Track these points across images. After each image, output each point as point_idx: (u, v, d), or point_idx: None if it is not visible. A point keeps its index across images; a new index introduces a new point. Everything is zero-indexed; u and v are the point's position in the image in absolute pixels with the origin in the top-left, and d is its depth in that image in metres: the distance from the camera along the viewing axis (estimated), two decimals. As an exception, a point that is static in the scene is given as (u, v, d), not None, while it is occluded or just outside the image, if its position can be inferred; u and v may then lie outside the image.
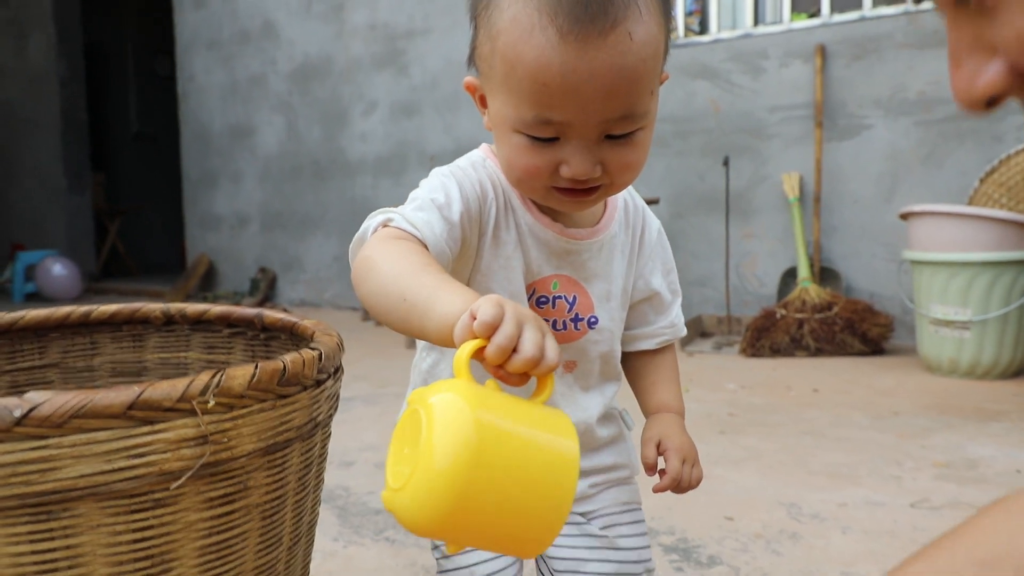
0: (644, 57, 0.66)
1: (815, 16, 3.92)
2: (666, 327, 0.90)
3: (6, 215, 8.13)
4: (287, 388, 0.70)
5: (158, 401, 0.61)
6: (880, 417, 2.56)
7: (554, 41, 0.64)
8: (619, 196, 0.87)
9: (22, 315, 1.00)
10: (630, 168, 0.73)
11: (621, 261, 0.85)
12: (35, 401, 0.57)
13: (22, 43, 7.71)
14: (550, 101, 0.67)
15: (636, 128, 0.70)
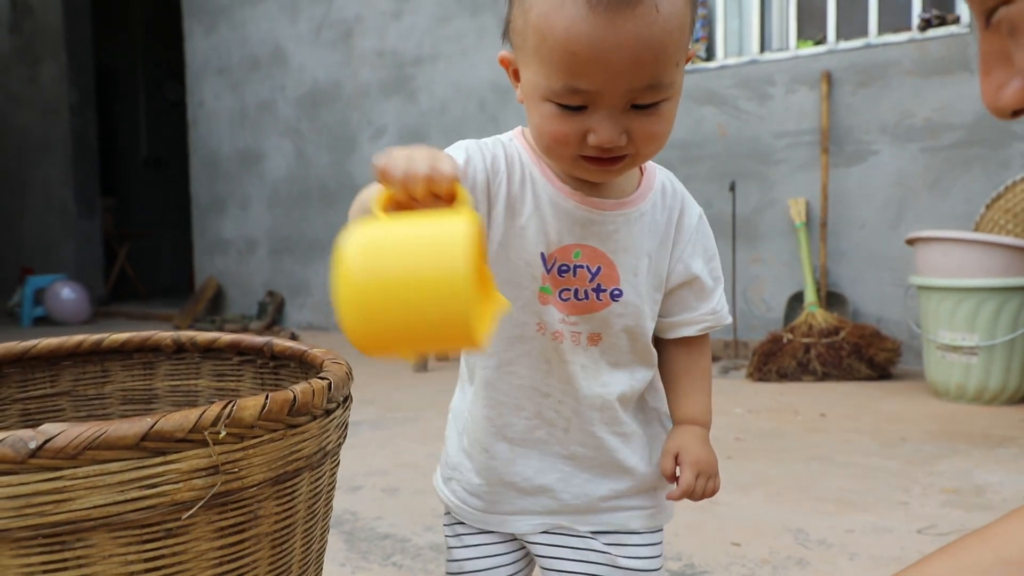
0: (670, 29, 0.69)
1: (821, 43, 3.95)
2: (708, 313, 0.89)
3: (17, 239, 8.20)
4: (297, 418, 0.71)
5: (170, 432, 0.62)
6: (888, 443, 2.55)
7: (584, 12, 0.67)
8: (657, 178, 0.88)
9: (35, 344, 1.02)
10: (655, 138, 0.75)
11: (652, 239, 0.85)
12: (50, 433, 0.58)
13: (35, 70, 7.82)
14: (579, 70, 0.69)
15: (662, 99, 0.72)
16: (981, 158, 3.53)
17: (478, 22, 4.95)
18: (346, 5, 5.63)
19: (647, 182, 0.87)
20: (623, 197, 0.84)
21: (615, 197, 0.84)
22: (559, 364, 0.86)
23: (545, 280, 0.83)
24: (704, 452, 0.87)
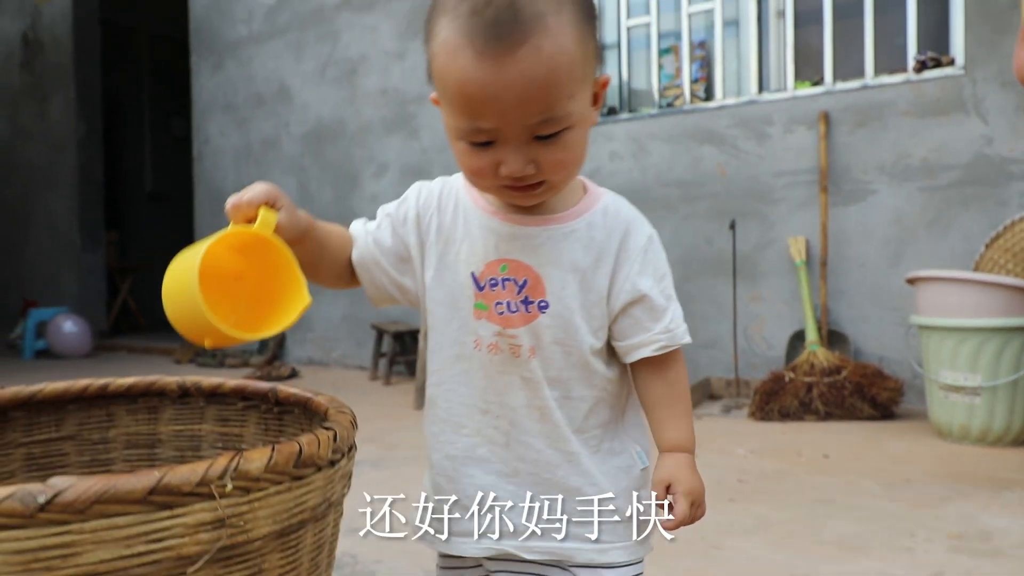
0: (554, 67, 0.74)
1: (818, 84, 4.00)
2: (662, 332, 0.90)
3: (21, 272, 8.23)
4: (303, 470, 0.71)
5: (177, 486, 0.62)
6: (892, 485, 2.54)
7: (473, 59, 0.74)
8: (601, 200, 0.92)
9: (41, 388, 1.02)
10: (562, 166, 0.81)
11: (586, 256, 0.88)
12: (59, 487, 0.58)
13: (44, 106, 7.92)
14: (477, 111, 0.76)
15: (561, 128, 0.77)
16: (979, 197, 3.56)
17: (481, 62, 5.02)
18: (351, 45, 5.72)
19: (586, 203, 0.91)
20: (553, 215, 0.89)
21: (545, 214, 0.88)
22: (497, 377, 0.88)
23: (478, 297, 0.88)
24: (695, 480, 0.88)
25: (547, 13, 0.74)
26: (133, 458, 1.08)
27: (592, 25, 0.81)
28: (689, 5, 4.39)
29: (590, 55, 0.79)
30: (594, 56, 0.81)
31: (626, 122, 4.52)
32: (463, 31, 0.74)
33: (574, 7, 0.77)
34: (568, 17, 0.76)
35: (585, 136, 0.82)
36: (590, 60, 0.79)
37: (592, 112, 0.84)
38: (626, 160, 4.50)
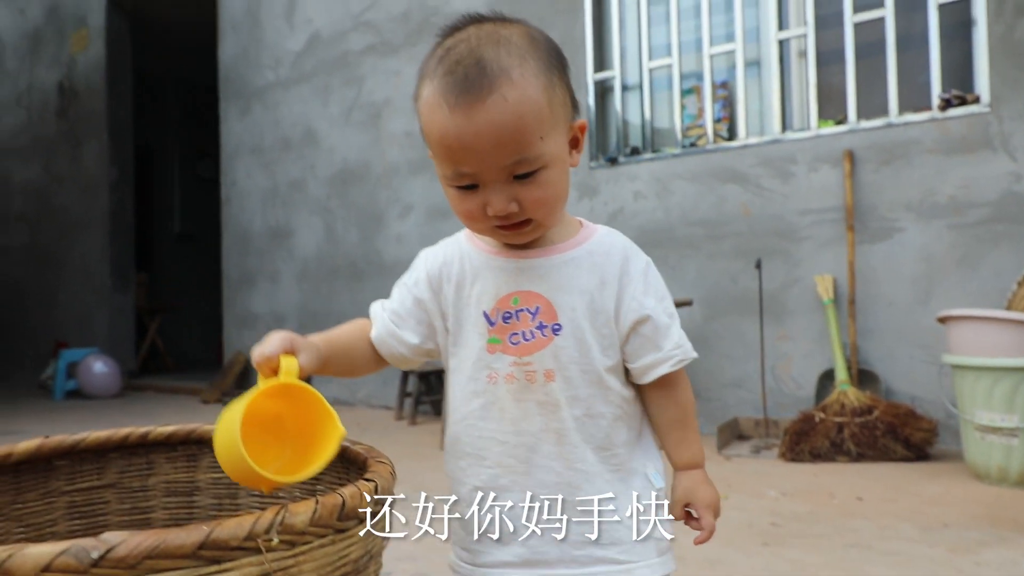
0: (520, 112, 0.82)
1: (842, 122, 4.01)
2: (674, 348, 0.97)
3: (53, 314, 8.37)
4: (345, 523, 0.72)
5: (225, 540, 0.63)
6: (929, 528, 2.48)
7: (447, 112, 0.83)
8: (598, 232, 1.00)
9: (84, 437, 1.04)
10: (543, 203, 0.88)
11: (591, 279, 0.95)
12: (111, 542, 0.60)
13: (78, 151, 8.12)
14: (457, 157, 0.85)
15: (537, 168, 0.85)
16: (1009, 235, 3.52)
17: (504, 104, 5.09)
18: (376, 89, 5.83)
19: (584, 234, 0.99)
20: (554, 245, 0.96)
21: (546, 246, 0.96)
22: (513, 406, 0.93)
23: (491, 332, 0.95)
24: (711, 494, 0.98)
25: (512, 66, 0.83)
26: (172, 506, 1.09)
27: (561, 73, 0.89)
28: (711, 46, 4.43)
29: (559, 100, 0.88)
30: (565, 101, 0.90)
31: (649, 162, 4.54)
32: (440, 89, 0.84)
33: (539, 59, 0.86)
34: (533, 68, 0.84)
35: (564, 175, 0.90)
36: (560, 105, 0.88)
37: (570, 154, 0.92)
38: (650, 200, 4.52)
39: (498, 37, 0.86)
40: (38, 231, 8.62)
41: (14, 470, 0.98)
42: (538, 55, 0.86)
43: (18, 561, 0.56)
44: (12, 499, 0.97)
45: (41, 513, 1.00)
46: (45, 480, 1.01)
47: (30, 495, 0.99)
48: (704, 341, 4.31)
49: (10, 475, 0.98)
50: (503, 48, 0.84)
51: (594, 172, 4.73)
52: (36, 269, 8.63)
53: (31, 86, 8.69)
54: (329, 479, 1.05)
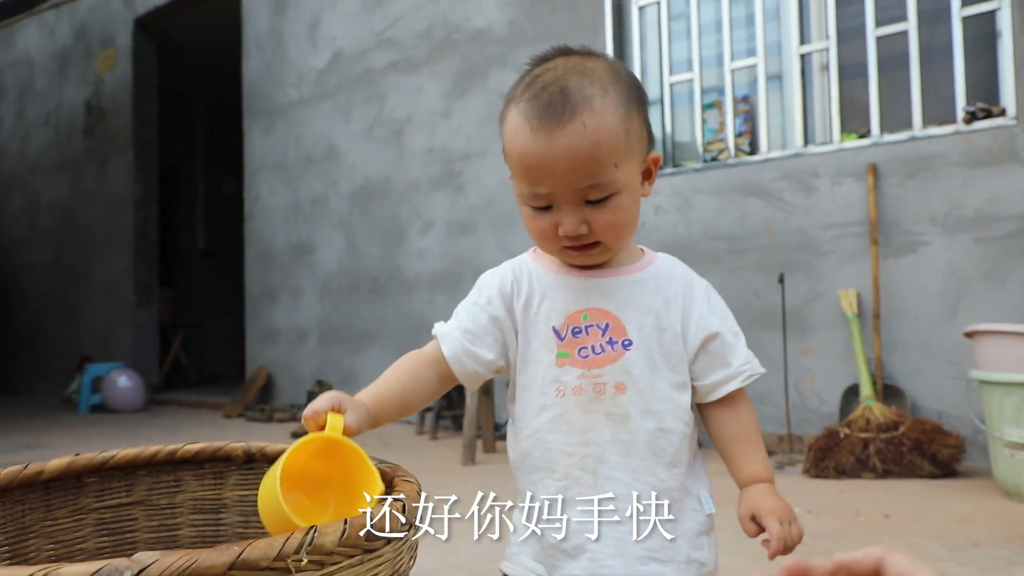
0: (599, 140, 0.87)
1: (865, 136, 3.98)
2: (743, 364, 1.00)
3: (78, 329, 8.48)
4: (374, 543, 0.72)
5: (256, 561, 0.63)
6: (958, 548, 2.44)
7: (530, 134, 0.88)
8: (659, 257, 1.04)
9: (113, 454, 1.05)
10: (612, 228, 0.92)
11: (656, 299, 0.99)
12: (144, 563, 0.60)
13: (104, 169, 8.25)
14: (535, 177, 0.90)
15: (609, 194, 0.89)
16: (1037, 248, 3.48)
17: (525, 120, 5.11)
18: (397, 106, 5.87)
19: (647, 259, 1.03)
20: (620, 267, 1.00)
21: (613, 267, 1.00)
22: (582, 417, 0.95)
23: (560, 347, 0.98)
24: (776, 502, 0.95)
25: (594, 96, 0.87)
26: (199, 523, 1.10)
27: (640, 107, 0.94)
28: (732, 61, 4.43)
29: (636, 132, 0.92)
30: (642, 134, 0.94)
31: (670, 176, 4.54)
32: (524, 113, 0.89)
33: (620, 91, 0.91)
34: (614, 99, 0.89)
35: (635, 203, 0.94)
36: (636, 136, 0.92)
37: (643, 184, 0.96)
38: (671, 214, 4.51)
39: (583, 68, 0.90)
40: (64, 247, 8.76)
41: (45, 487, 0.99)
42: (619, 87, 0.91)
43: (53, 581, 0.57)
44: (43, 516, 0.99)
45: (71, 530, 1.01)
46: (75, 497, 1.02)
47: (60, 512, 1.00)
48: (726, 356, 4.28)
49: (41, 492, 0.99)
50: (587, 78, 0.89)
51: (615, 187, 4.73)
52: (62, 285, 8.75)
53: (59, 105, 8.85)
54: (354, 497, 1.05)
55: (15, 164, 9.53)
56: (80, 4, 8.57)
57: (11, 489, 0.95)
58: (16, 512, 0.96)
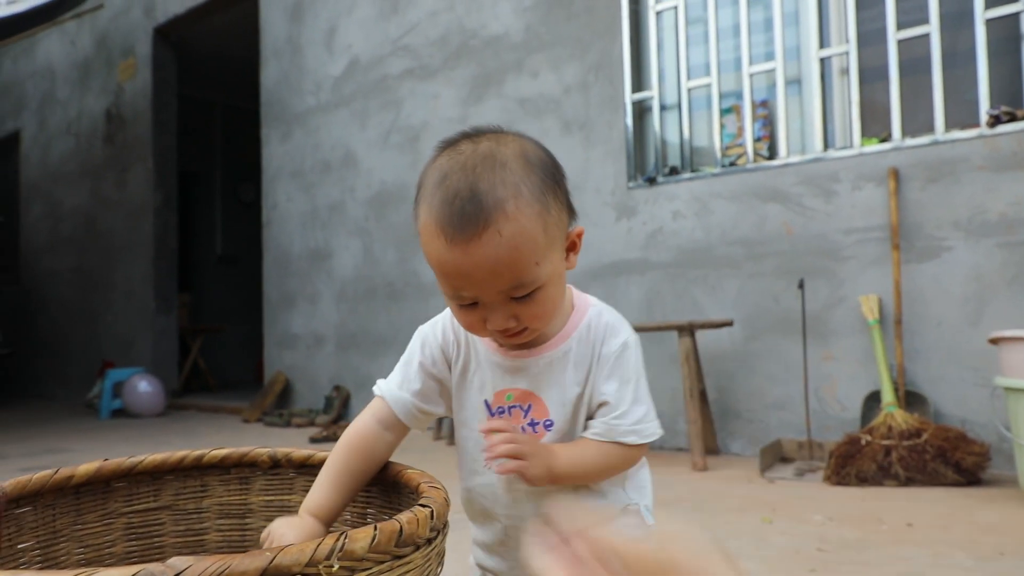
0: (516, 245, 0.84)
1: (886, 140, 3.95)
2: (627, 433, 0.97)
3: (99, 335, 8.56)
4: (402, 549, 0.72)
5: (288, 567, 0.63)
6: (985, 558, 2.40)
7: (445, 245, 0.86)
8: (586, 316, 1.01)
9: (141, 459, 1.05)
10: (539, 317, 0.92)
11: (578, 372, 0.98)
12: (178, 567, 0.60)
13: (124, 177, 8.33)
14: (456, 284, 0.88)
15: (533, 290, 0.88)
16: (1062, 253, 3.44)
17: (540, 125, 5.12)
18: (413, 112, 5.90)
19: (573, 321, 1.01)
20: (546, 342, 0.99)
21: (539, 343, 0.99)
22: (505, 491, 1.00)
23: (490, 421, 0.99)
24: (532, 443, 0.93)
25: (506, 199, 0.84)
26: (226, 528, 1.10)
27: (556, 191, 0.91)
28: (750, 65, 4.41)
29: (554, 221, 0.90)
30: (560, 218, 0.91)
31: (688, 181, 4.52)
32: (436, 219, 0.86)
33: (534, 183, 0.87)
34: (527, 197, 0.86)
35: (559, 286, 0.94)
36: (555, 224, 0.90)
37: (567, 258, 0.95)
38: (689, 219, 4.49)
39: (494, 160, 0.87)
40: (85, 254, 8.85)
41: (75, 492, 1.00)
42: (532, 179, 0.88)
43: (89, 585, 0.57)
44: (73, 520, 0.99)
45: (101, 534, 1.01)
46: (104, 502, 1.03)
47: (90, 516, 1.01)
48: (745, 362, 4.26)
49: (71, 497, 0.99)
50: (499, 175, 0.85)
51: (632, 192, 4.73)
52: (83, 291, 8.84)
53: (80, 114, 8.96)
54: (379, 502, 1.05)
55: (37, 172, 9.65)
56: (101, 14, 8.67)
57: (43, 494, 0.95)
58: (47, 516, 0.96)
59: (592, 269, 4.87)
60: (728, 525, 2.85)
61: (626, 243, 4.74)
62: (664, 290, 4.56)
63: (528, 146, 0.93)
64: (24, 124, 9.87)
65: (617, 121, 4.82)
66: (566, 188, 0.95)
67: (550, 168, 0.92)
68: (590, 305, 1.03)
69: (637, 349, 1.01)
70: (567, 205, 0.94)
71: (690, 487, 3.51)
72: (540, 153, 0.93)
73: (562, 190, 0.93)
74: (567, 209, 0.94)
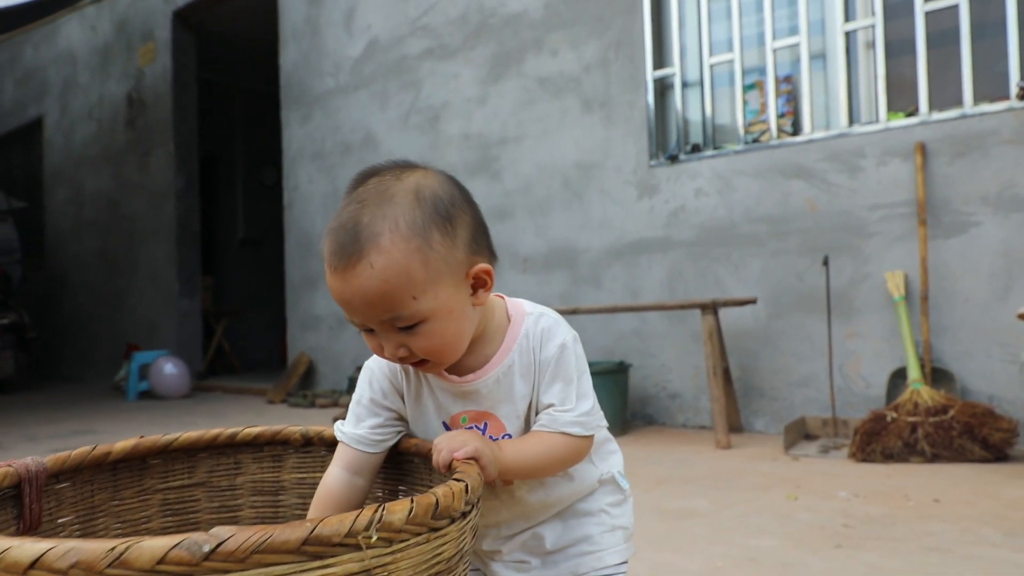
0: (386, 278, 0.87)
1: (913, 115, 3.89)
2: (548, 412, 0.99)
3: (124, 318, 8.67)
4: (439, 522, 0.72)
5: (328, 537, 0.64)
6: (1013, 533, 2.39)
7: (331, 274, 0.90)
8: (522, 327, 1.02)
9: (176, 437, 1.07)
10: (431, 351, 0.92)
11: (523, 383, 1.00)
12: (221, 536, 0.61)
13: (146, 160, 8.40)
14: (345, 310, 0.91)
15: (415, 323, 0.90)
16: (1094, 227, 3.38)
17: (561, 104, 5.09)
18: (433, 93, 5.88)
19: (511, 335, 1.01)
20: (487, 362, 1.00)
21: (480, 364, 1.00)
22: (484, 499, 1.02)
23: None
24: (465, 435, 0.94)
25: (382, 233, 0.87)
26: (259, 504, 1.12)
27: (448, 226, 0.91)
28: (774, 40, 4.35)
29: (440, 256, 0.90)
30: (451, 255, 0.91)
31: (710, 159, 4.49)
32: (326, 248, 0.91)
33: (414, 218, 0.88)
34: (405, 231, 0.87)
35: (454, 322, 0.92)
36: (442, 260, 0.90)
37: (476, 295, 0.94)
38: (711, 197, 4.46)
39: (384, 196, 0.89)
40: (109, 238, 8.95)
41: (112, 468, 1.02)
42: (414, 214, 0.88)
43: (135, 553, 0.58)
44: (111, 496, 1.01)
45: (137, 510, 1.03)
46: (140, 478, 1.05)
47: (127, 492, 1.03)
48: (768, 340, 4.24)
49: (109, 473, 1.01)
50: (383, 209, 0.88)
51: (654, 170, 4.69)
52: (108, 274, 8.95)
53: (102, 98, 9.02)
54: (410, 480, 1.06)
55: (61, 157, 9.75)
56: (120, -2, 8.71)
57: (81, 469, 0.97)
58: (86, 492, 0.98)
59: (614, 248, 4.86)
60: (752, 502, 2.85)
61: (648, 222, 4.71)
62: (687, 269, 4.54)
63: (428, 181, 0.93)
64: (47, 110, 9.96)
65: (638, 99, 4.78)
66: (469, 223, 0.94)
67: (443, 204, 0.91)
68: (526, 314, 1.03)
69: (576, 346, 1.03)
70: (468, 241, 0.93)
71: (713, 465, 3.51)
72: (439, 189, 0.92)
73: (455, 228, 0.92)
74: (467, 245, 0.93)
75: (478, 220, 0.97)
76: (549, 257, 5.19)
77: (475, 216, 0.96)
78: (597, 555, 1.06)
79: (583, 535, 1.06)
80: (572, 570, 1.06)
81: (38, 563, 0.58)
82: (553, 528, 1.06)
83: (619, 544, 1.08)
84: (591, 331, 4.82)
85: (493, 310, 1.02)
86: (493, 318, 1.01)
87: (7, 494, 0.89)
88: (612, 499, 1.10)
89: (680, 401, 4.55)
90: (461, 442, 0.90)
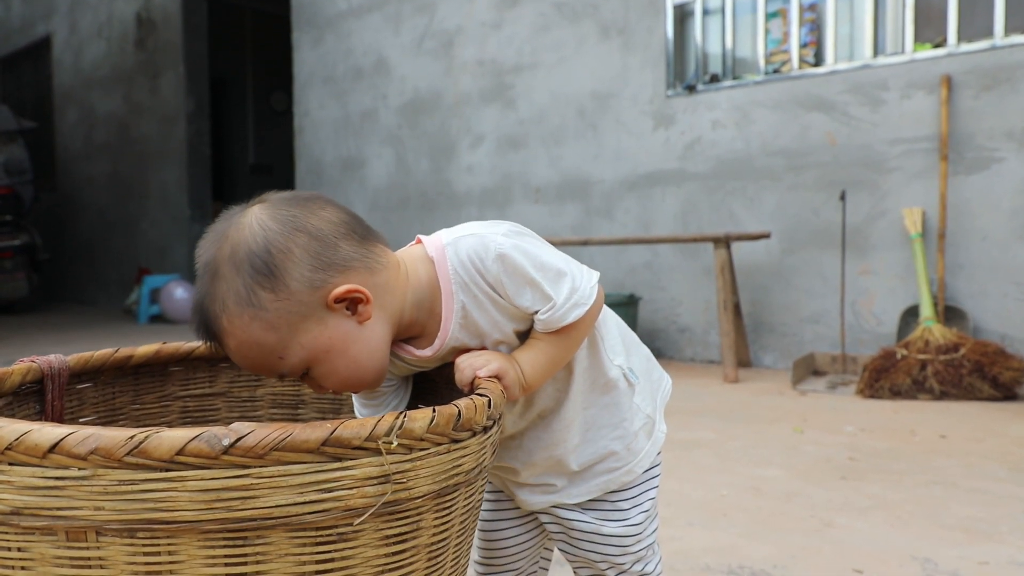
0: (245, 353, 0.85)
1: (940, 46, 3.78)
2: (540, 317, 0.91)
3: (136, 241, 8.69)
4: (460, 433, 0.72)
5: (348, 439, 0.64)
6: (1018, 468, 2.41)
7: None
8: (447, 264, 0.91)
9: (197, 346, 1.08)
10: (341, 386, 0.89)
11: (491, 313, 0.92)
12: (241, 432, 0.61)
13: (156, 82, 8.28)
14: None
15: (303, 373, 0.88)
16: (1120, 167, 3.31)
17: (577, 30, 4.96)
18: (448, 16, 5.74)
19: (443, 281, 0.92)
20: (439, 322, 0.93)
21: (435, 327, 0.93)
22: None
23: None
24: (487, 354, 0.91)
25: (218, 315, 0.84)
26: (278, 417, 1.13)
27: (274, 278, 0.83)
28: (799, -34, 4.21)
29: (280, 313, 0.83)
30: (290, 305, 0.83)
31: (729, 90, 4.39)
32: None
33: (238, 290, 0.83)
34: (234, 308, 0.83)
35: (340, 357, 0.87)
36: (285, 314, 0.83)
37: (356, 314, 0.86)
38: (729, 129, 4.38)
39: (211, 270, 0.85)
40: (120, 161, 8.90)
41: (134, 372, 1.02)
42: (235, 286, 0.83)
43: (154, 443, 0.59)
44: (132, 399, 1.02)
45: (158, 415, 1.05)
46: (161, 384, 1.06)
47: (148, 397, 1.04)
48: (781, 275, 4.22)
49: (131, 377, 1.02)
50: (213, 288, 0.84)
51: (671, 101, 4.60)
52: (119, 198, 8.94)
53: (111, 17, 8.86)
54: (434, 400, 1.06)
55: (70, 77, 9.63)
56: (127, -88, 8.46)
57: (103, 371, 0.98)
58: (108, 394, 0.99)
59: (628, 180, 4.80)
60: (758, 435, 2.88)
61: (663, 153, 4.65)
62: (701, 202, 4.49)
63: (242, 236, 0.85)
64: (55, 28, 9.79)
65: (657, 26, 4.65)
66: (305, 253, 0.84)
67: (259, 259, 0.83)
68: (444, 247, 0.93)
69: (515, 240, 0.91)
70: (308, 275, 0.84)
71: (720, 398, 3.54)
72: (252, 242, 0.84)
73: (290, 266, 0.83)
74: (309, 280, 0.84)
75: (320, 236, 0.86)
76: (562, 188, 5.14)
77: (316, 234, 0.86)
78: (625, 469, 1.04)
79: (607, 451, 1.03)
80: (602, 487, 1.04)
81: (57, 447, 0.59)
82: (575, 446, 1.02)
83: (643, 447, 1.05)
84: (602, 263, 4.81)
85: (415, 270, 0.93)
86: (419, 279, 0.92)
87: (30, 388, 0.90)
88: (626, 397, 1.04)
89: (689, 335, 4.56)
90: (484, 361, 0.88)
